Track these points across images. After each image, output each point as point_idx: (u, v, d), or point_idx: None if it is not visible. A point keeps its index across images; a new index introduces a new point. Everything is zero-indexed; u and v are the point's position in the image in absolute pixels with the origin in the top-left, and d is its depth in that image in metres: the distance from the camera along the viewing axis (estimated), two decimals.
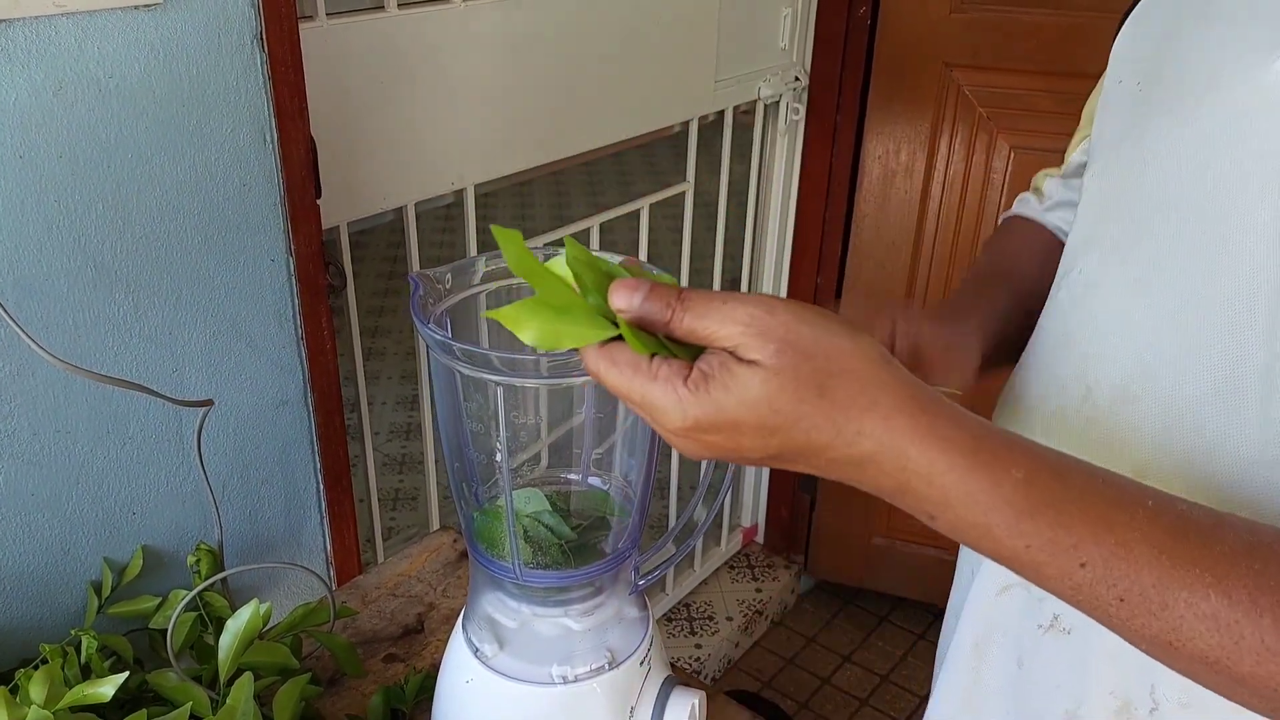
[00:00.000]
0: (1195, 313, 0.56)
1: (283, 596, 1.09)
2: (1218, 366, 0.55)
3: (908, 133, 1.92)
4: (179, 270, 0.89)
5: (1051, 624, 0.66)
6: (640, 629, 0.72)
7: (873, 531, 2.25)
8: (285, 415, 1.03)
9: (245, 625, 0.77)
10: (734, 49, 1.75)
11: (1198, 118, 0.57)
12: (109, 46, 0.80)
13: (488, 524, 0.69)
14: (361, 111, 1.16)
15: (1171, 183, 0.58)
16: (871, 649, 2.25)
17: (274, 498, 1.05)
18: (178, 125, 0.85)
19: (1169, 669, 0.45)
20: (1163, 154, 0.59)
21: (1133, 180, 0.62)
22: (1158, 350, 0.58)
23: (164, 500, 0.94)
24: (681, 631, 2.19)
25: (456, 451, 0.68)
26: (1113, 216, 0.63)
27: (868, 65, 1.90)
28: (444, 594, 1.00)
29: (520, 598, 0.69)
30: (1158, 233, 0.59)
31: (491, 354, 0.58)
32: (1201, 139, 0.57)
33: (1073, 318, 0.65)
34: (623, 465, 0.71)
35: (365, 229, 3.76)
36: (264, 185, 0.93)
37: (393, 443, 2.79)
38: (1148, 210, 0.60)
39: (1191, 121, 0.58)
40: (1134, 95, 0.64)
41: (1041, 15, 1.73)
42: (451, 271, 0.65)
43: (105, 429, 0.88)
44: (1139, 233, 0.61)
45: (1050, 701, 0.66)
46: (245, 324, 0.96)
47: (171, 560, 0.96)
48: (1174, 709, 0.60)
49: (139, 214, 0.85)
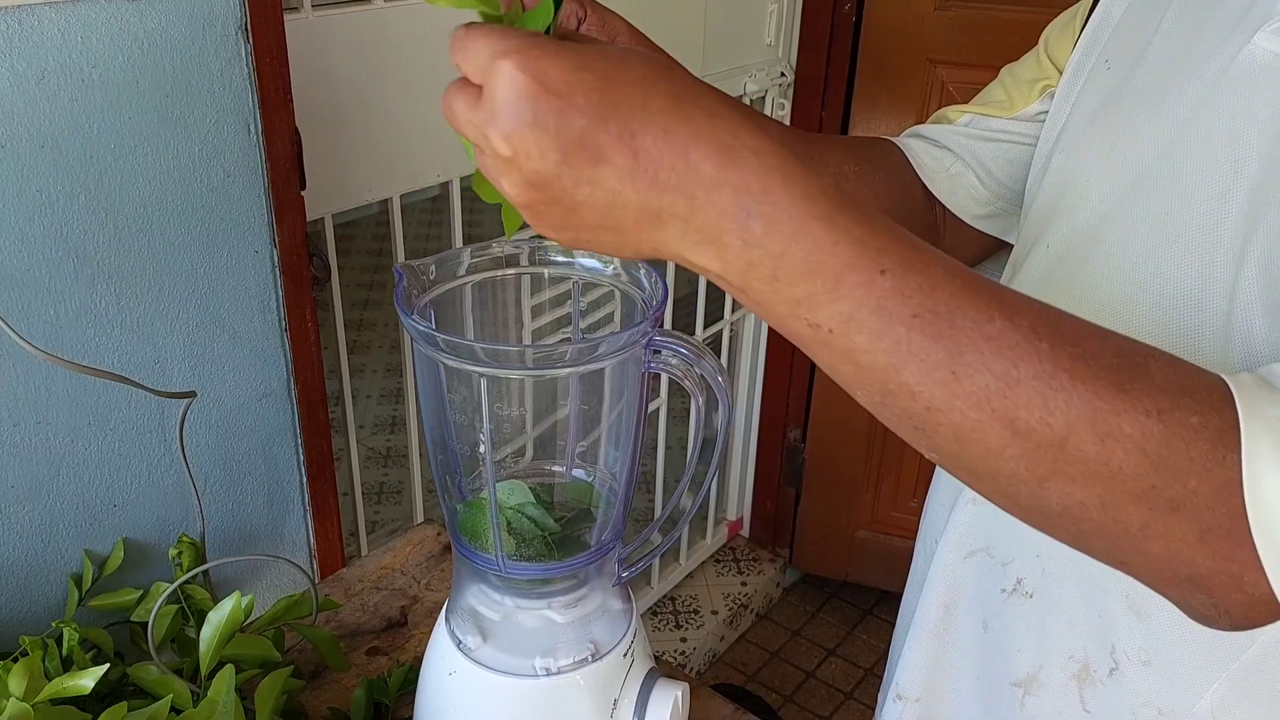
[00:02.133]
0: (1158, 288, 0.58)
1: (265, 590, 1.08)
2: (1178, 340, 0.57)
3: (892, 129, 1.92)
4: (162, 261, 0.89)
5: (1015, 588, 0.67)
6: (624, 621, 0.72)
7: (857, 525, 2.26)
8: (268, 407, 1.02)
9: (227, 618, 0.77)
10: (720, 45, 1.76)
11: (1167, 100, 0.59)
12: (92, 36, 0.79)
13: (471, 516, 0.69)
14: (347, 103, 1.16)
15: (1140, 162, 0.60)
16: (856, 642, 2.26)
17: (257, 490, 1.04)
18: (161, 116, 0.85)
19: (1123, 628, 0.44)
20: (1132, 134, 0.62)
21: (1100, 162, 0.64)
22: (1127, 321, 0.59)
23: (146, 492, 0.94)
24: (667, 625, 2.20)
25: (440, 444, 0.68)
26: (1080, 193, 0.65)
27: (853, 62, 1.91)
28: (427, 587, 1.00)
29: (503, 590, 0.69)
30: (1126, 211, 0.61)
31: (475, 345, 0.58)
32: (1170, 120, 0.59)
33: (1041, 290, 0.66)
34: (606, 457, 0.71)
35: (351, 221, 3.75)
36: (248, 176, 0.93)
37: (378, 436, 2.78)
38: (1118, 189, 0.62)
39: (1161, 104, 0.60)
40: (1104, 76, 0.65)
41: (1023, 12, 1.73)
42: (436, 263, 0.65)
43: (87, 420, 0.88)
44: (1108, 210, 0.62)
45: (1012, 665, 0.68)
46: (228, 315, 0.95)
47: (153, 553, 0.96)
48: (1134, 668, 0.61)
49: (122, 204, 0.85)
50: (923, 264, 0.42)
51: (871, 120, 1.93)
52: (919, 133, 0.79)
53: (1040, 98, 0.74)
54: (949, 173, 0.76)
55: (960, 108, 0.78)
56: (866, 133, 1.95)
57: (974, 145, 0.76)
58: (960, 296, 0.42)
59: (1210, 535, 0.42)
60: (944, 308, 0.42)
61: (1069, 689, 0.65)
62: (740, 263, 0.42)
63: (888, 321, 0.42)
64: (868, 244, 0.42)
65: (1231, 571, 0.43)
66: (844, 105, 1.95)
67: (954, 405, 0.42)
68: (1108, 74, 0.66)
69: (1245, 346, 0.54)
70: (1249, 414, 0.42)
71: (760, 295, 0.43)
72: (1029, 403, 0.42)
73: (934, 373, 0.42)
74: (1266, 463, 0.41)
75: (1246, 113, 0.55)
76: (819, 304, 0.42)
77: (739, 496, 2.39)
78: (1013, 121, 0.75)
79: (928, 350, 0.42)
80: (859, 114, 1.94)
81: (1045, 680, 0.66)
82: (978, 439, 0.43)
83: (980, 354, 0.42)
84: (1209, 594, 0.44)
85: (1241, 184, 0.54)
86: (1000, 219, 0.76)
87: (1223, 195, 0.55)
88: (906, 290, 0.42)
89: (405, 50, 1.20)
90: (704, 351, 0.63)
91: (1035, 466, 0.43)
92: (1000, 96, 0.77)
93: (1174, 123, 0.59)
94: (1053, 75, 0.73)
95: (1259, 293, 0.53)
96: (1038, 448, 0.42)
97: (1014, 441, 0.42)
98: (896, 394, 0.43)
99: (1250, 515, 0.41)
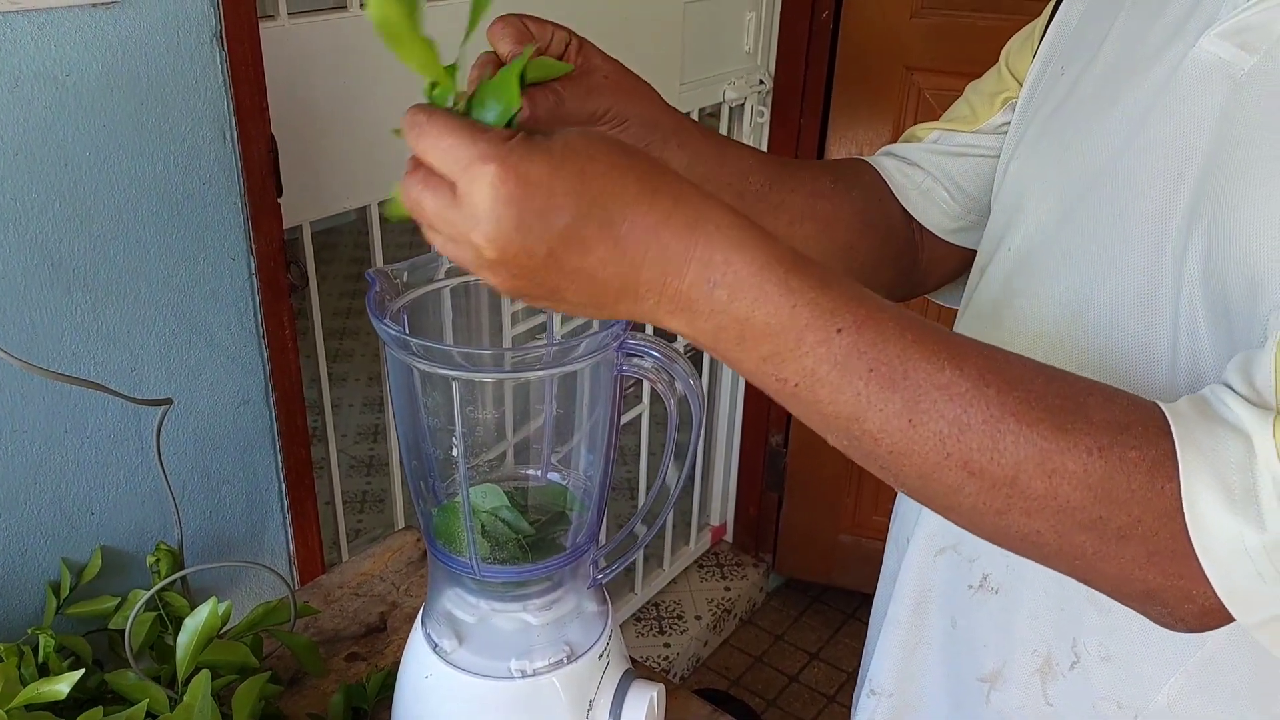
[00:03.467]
0: (1113, 286, 0.59)
1: (244, 597, 1.08)
2: (1136, 333, 0.58)
3: (870, 135, 1.94)
4: (138, 268, 0.89)
5: (981, 584, 0.68)
6: (599, 623, 0.73)
7: (839, 529, 2.27)
8: (246, 414, 1.02)
9: (204, 623, 0.77)
10: (699, 52, 1.77)
11: (1118, 102, 0.61)
12: (66, 44, 0.79)
13: (446, 520, 0.69)
14: (324, 110, 1.16)
15: (1094, 163, 0.62)
16: (839, 646, 2.27)
17: (235, 497, 1.04)
18: (136, 123, 0.85)
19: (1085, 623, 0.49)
20: (1086, 137, 0.63)
21: (1054, 164, 0.65)
22: (1084, 320, 0.61)
23: (123, 500, 0.94)
24: (650, 631, 2.20)
25: (414, 449, 0.68)
26: (1038, 196, 0.67)
27: (830, 69, 1.93)
28: (406, 593, 1.00)
29: (479, 593, 0.70)
30: (1081, 211, 0.62)
31: (450, 349, 0.59)
32: (1121, 122, 0.61)
33: (1003, 291, 0.68)
34: (581, 460, 0.72)
35: (332, 228, 3.74)
36: (224, 184, 0.93)
37: (360, 445, 2.78)
38: (1074, 190, 0.63)
39: (1112, 106, 0.61)
40: (1059, 82, 0.67)
41: (997, 20, 1.75)
42: (409, 268, 0.66)
43: (63, 428, 0.88)
44: (1065, 211, 0.64)
45: (979, 660, 0.69)
46: (205, 323, 0.96)
47: (131, 561, 0.96)
48: (1094, 662, 0.63)
49: (97, 212, 0.85)
50: (875, 321, 0.46)
51: (850, 126, 1.95)
52: (890, 151, 0.81)
53: (1001, 109, 0.76)
54: (920, 189, 0.78)
55: (928, 125, 0.80)
56: (845, 137, 1.96)
57: (943, 161, 0.78)
58: (911, 349, 0.46)
59: (1158, 557, 0.46)
60: (897, 360, 0.46)
61: (1032, 683, 0.66)
62: (710, 327, 0.46)
63: (847, 376, 0.46)
64: (822, 305, 0.45)
65: (1181, 587, 0.46)
66: (822, 111, 1.97)
67: (913, 449, 0.46)
68: (1062, 79, 0.68)
69: (1191, 343, 0.56)
70: (1185, 444, 0.45)
71: (731, 354, 0.47)
72: (980, 446, 0.45)
73: (893, 420, 0.46)
74: (1203, 489, 0.45)
75: (1192, 114, 0.56)
76: (784, 361, 0.46)
77: (722, 502, 2.40)
78: (977, 135, 0.77)
79: (885, 400, 0.46)
80: (837, 120, 1.96)
81: (1010, 675, 0.67)
82: (938, 478, 0.47)
83: (934, 402, 0.46)
84: (1163, 606, 0.48)
85: (1186, 184, 0.56)
86: (973, 232, 0.78)
87: (1170, 195, 0.56)
88: (861, 346, 0.46)
89: (383, 57, 1.20)
90: (676, 355, 0.64)
91: (992, 501, 0.46)
92: (965, 112, 0.78)
93: (1125, 125, 0.60)
94: (1013, 87, 0.75)
95: (1200, 290, 0.55)
96: (992, 485, 0.46)
97: (970, 480, 0.46)
98: (861, 440, 0.47)
99: (1193, 537, 0.45)
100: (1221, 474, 0.45)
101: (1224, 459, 0.45)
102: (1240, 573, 0.45)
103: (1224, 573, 0.45)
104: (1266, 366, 0.47)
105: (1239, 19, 0.55)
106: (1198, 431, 0.46)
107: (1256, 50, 0.54)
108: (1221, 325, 0.54)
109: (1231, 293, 0.52)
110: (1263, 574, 0.45)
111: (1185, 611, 0.47)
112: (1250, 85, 0.54)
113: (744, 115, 1.98)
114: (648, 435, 2.05)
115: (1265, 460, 0.44)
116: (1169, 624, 0.49)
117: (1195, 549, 0.45)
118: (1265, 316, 0.50)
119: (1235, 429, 0.45)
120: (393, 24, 0.45)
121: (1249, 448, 0.45)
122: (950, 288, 0.84)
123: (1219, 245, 0.53)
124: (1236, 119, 0.54)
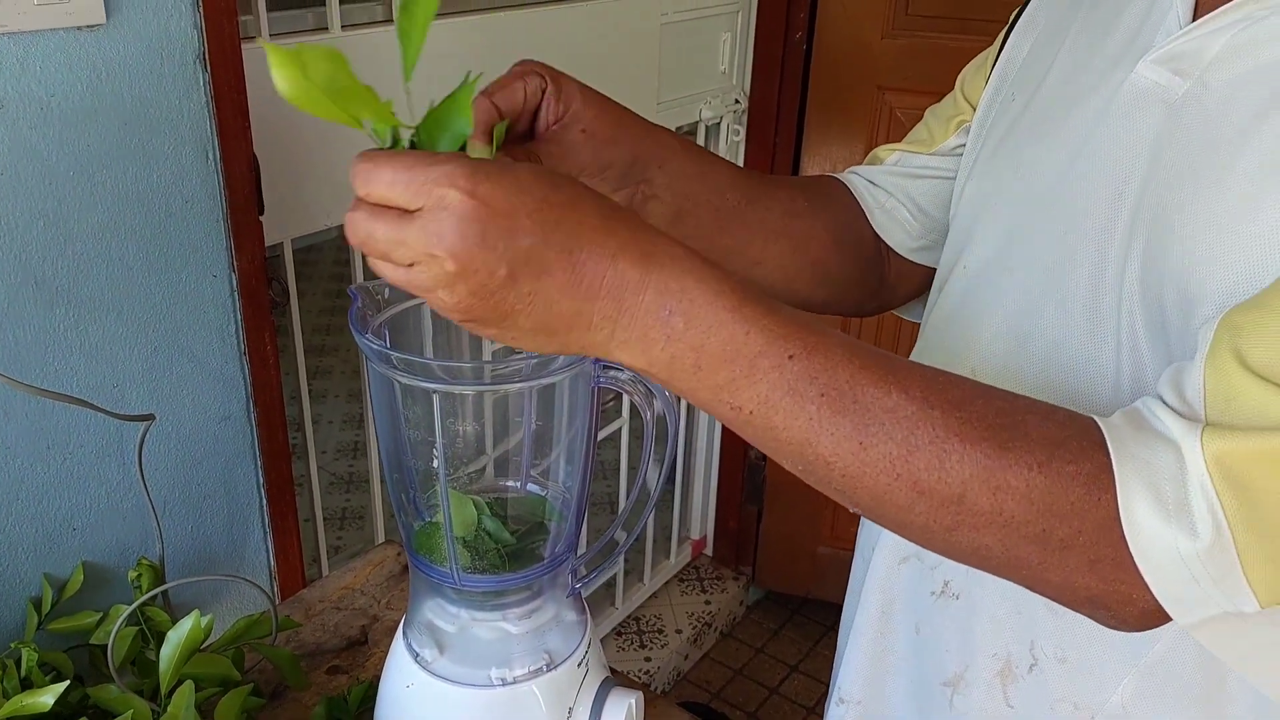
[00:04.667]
0: (1061, 301, 0.62)
1: (226, 612, 1.09)
2: (1083, 348, 0.61)
3: (843, 153, 1.97)
4: (120, 286, 0.90)
5: (942, 590, 0.70)
6: (578, 632, 0.74)
7: (818, 541, 2.29)
8: (228, 430, 1.03)
9: (186, 636, 0.78)
10: (675, 72, 1.79)
11: (1064, 125, 0.64)
12: (51, 66, 0.81)
13: (427, 531, 0.70)
14: (305, 130, 1.18)
15: (1040, 185, 0.65)
16: (818, 658, 2.28)
17: (217, 513, 1.05)
18: (120, 143, 0.86)
19: (1042, 626, 0.52)
20: (1034, 159, 0.66)
21: (1006, 185, 0.68)
22: (1033, 337, 0.64)
23: (105, 516, 0.94)
24: (631, 645, 2.21)
25: (395, 462, 0.70)
26: (990, 216, 0.69)
27: (804, 88, 1.96)
28: (388, 606, 1.01)
29: (459, 602, 0.71)
30: (1030, 231, 0.65)
31: (430, 363, 0.60)
32: (1066, 144, 0.63)
33: (959, 308, 0.71)
34: (559, 471, 0.73)
35: (313, 245, 3.74)
36: (206, 202, 0.95)
37: (340, 461, 2.77)
38: (1022, 211, 0.66)
39: (1058, 129, 0.64)
40: (1010, 107, 0.70)
41: (967, 41, 1.77)
42: (390, 284, 0.67)
43: (45, 444, 0.88)
44: (1014, 231, 0.67)
45: (942, 665, 0.71)
46: (187, 339, 0.97)
47: (113, 576, 0.96)
48: (1052, 664, 0.65)
49: (80, 231, 0.86)
50: (825, 347, 0.48)
51: (824, 144, 1.98)
52: (856, 172, 0.83)
53: (956, 132, 0.78)
54: (884, 209, 0.80)
55: (890, 147, 0.83)
56: (819, 155, 1.99)
57: (903, 182, 0.80)
58: (859, 374, 0.48)
59: (1099, 564, 0.48)
60: (846, 385, 0.48)
61: (993, 686, 0.68)
62: (665, 357, 0.47)
63: (799, 401, 0.48)
64: (774, 331, 0.47)
65: (1122, 592, 0.49)
66: (797, 130, 2.00)
67: (865, 471, 0.48)
68: (1013, 104, 0.71)
69: (1133, 357, 0.58)
70: (1120, 456, 0.48)
71: (685, 385, 0.48)
72: (928, 465, 0.48)
73: (844, 444, 0.48)
74: (1138, 500, 0.47)
75: (1130, 137, 0.59)
76: (738, 388, 0.48)
77: (702, 515, 2.41)
78: (934, 157, 0.79)
79: (836, 424, 0.48)
80: (811, 138, 1.99)
81: (971, 679, 0.69)
82: (890, 499, 0.49)
83: (882, 425, 0.48)
84: (1107, 610, 0.50)
85: (1126, 203, 0.58)
86: (933, 251, 0.80)
87: (1110, 214, 0.59)
88: (813, 371, 0.47)
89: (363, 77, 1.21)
90: None
91: (941, 519, 0.49)
92: (924, 135, 0.81)
93: (1069, 147, 0.63)
94: (967, 111, 0.78)
95: (1140, 305, 0.57)
96: (941, 503, 0.48)
97: (920, 499, 0.48)
98: (815, 464, 0.49)
99: (1131, 545, 0.47)
100: (1155, 484, 0.47)
101: (1157, 470, 0.47)
102: (1176, 578, 0.47)
103: (1161, 578, 0.47)
104: (1196, 378, 0.49)
105: (1172, 46, 0.58)
106: (1131, 444, 0.48)
107: (1189, 75, 0.56)
108: (1160, 339, 0.56)
109: (1168, 307, 0.55)
110: (1197, 578, 0.47)
111: (1127, 614, 0.50)
112: (1184, 109, 0.56)
113: (720, 134, 2.01)
114: (627, 450, 2.07)
115: (1195, 470, 0.46)
116: (1113, 625, 0.51)
117: (1133, 556, 0.47)
118: (1198, 330, 0.52)
119: (1166, 440, 0.48)
120: (309, 98, 0.47)
121: (1179, 458, 0.47)
122: (915, 303, 0.87)
123: (1155, 261, 0.55)
124: (1171, 141, 0.57)
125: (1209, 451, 0.46)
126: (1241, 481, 0.46)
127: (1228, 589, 0.47)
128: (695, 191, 0.70)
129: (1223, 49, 0.55)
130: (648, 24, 1.70)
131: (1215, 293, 0.52)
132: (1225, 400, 0.47)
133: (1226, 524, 0.46)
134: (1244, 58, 0.55)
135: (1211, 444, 0.46)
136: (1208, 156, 0.54)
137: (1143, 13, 0.62)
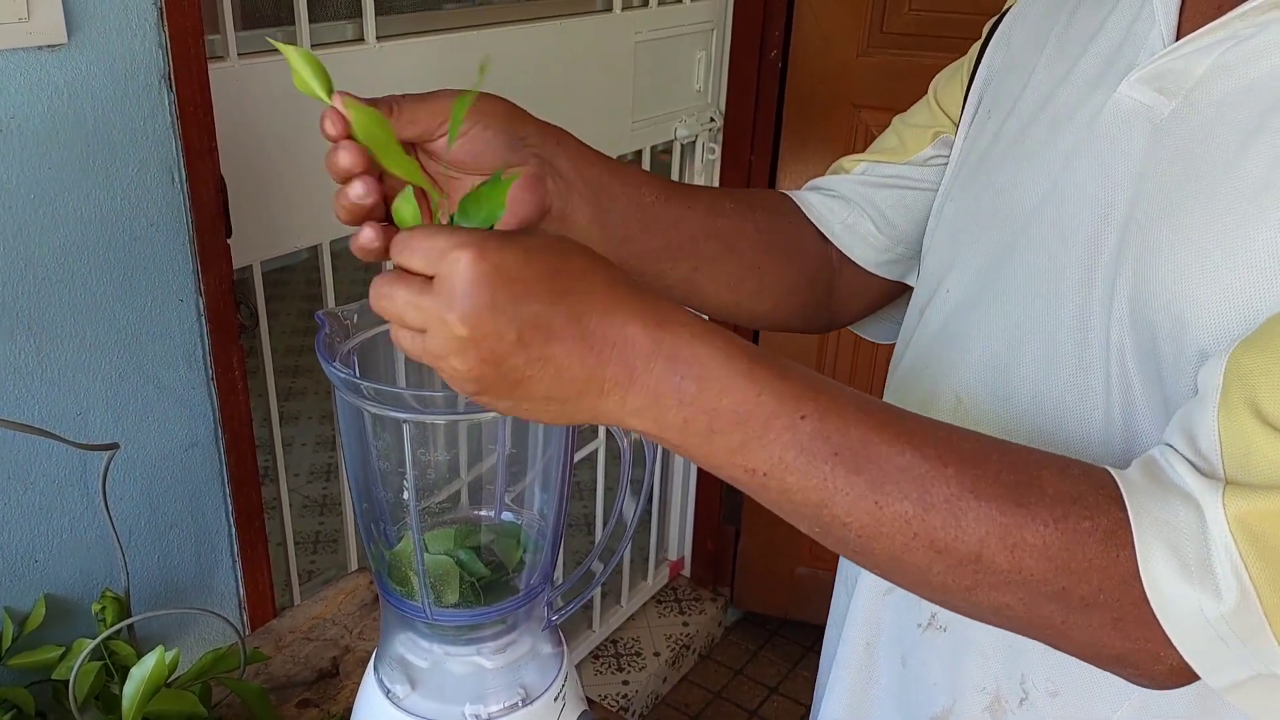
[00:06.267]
0: (1047, 328, 0.61)
1: (194, 644, 1.06)
2: (1066, 382, 0.60)
3: (819, 171, 1.94)
4: (83, 311, 0.88)
5: (929, 622, 0.69)
6: (554, 664, 0.72)
7: (797, 562, 2.28)
8: (195, 457, 1.01)
9: (150, 672, 0.76)
10: (650, 91, 1.79)
11: (1043, 147, 0.63)
12: (11, 86, 0.79)
13: (399, 563, 0.69)
14: (274, 150, 1.16)
15: (1022, 209, 0.64)
16: (797, 679, 2.27)
17: (184, 542, 1.03)
18: (83, 165, 0.85)
19: (1032, 659, 0.51)
20: (1013, 182, 0.65)
21: (987, 207, 0.67)
22: (1018, 365, 0.63)
23: (68, 547, 0.92)
24: (609, 668, 2.18)
25: (364, 492, 0.68)
26: (971, 240, 0.68)
27: (779, 106, 1.96)
28: (360, 636, 0.99)
29: (432, 637, 0.69)
30: (1013, 256, 0.64)
31: (401, 391, 0.59)
32: (1049, 166, 0.62)
33: (942, 333, 0.69)
34: (535, 501, 0.72)
35: (285, 267, 3.71)
36: (172, 225, 0.93)
37: (313, 484, 2.74)
38: (1005, 234, 0.65)
39: (1036, 151, 0.63)
40: (986, 125, 0.69)
41: (943, 59, 1.78)
42: (359, 309, 0.65)
43: (5, 475, 0.86)
44: (998, 255, 0.65)
45: (930, 699, 0.69)
46: (152, 365, 0.94)
47: (76, 609, 0.94)
48: (1043, 698, 0.64)
49: (42, 255, 0.84)
50: (837, 407, 0.48)
51: (799, 162, 1.98)
52: (815, 186, 0.82)
53: (933, 143, 0.76)
54: (845, 223, 0.78)
55: (855, 157, 0.81)
56: (795, 173, 1.99)
57: (870, 192, 0.78)
58: (871, 433, 0.48)
59: (1123, 623, 0.47)
60: (859, 444, 0.47)
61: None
62: (678, 421, 0.47)
63: (813, 461, 0.47)
64: (785, 393, 0.47)
65: (1148, 650, 0.48)
66: (772, 148, 1.99)
67: (881, 531, 0.48)
68: (989, 123, 0.69)
69: (1123, 387, 0.57)
70: (1137, 512, 0.47)
71: (699, 449, 0.48)
72: (944, 524, 0.47)
73: (859, 504, 0.47)
74: (1158, 560, 0.46)
75: (1115, 159, 0.58)
76: (751, 450, 0.47)
77: (679, 536, 2.40)
78: (907, 166, 0.77)
79: (851, 484, 0.47)
80: (787, 156, 1.98)
81: (960, 713, 0.67)
82: (907, 559, 0.48)
83: (897, 484, 0.47)
84: (1136, 668, 0.49)
85: (1112, 226, 0.57)
86: (900, 264, 0.79)
87: (1097, 237, 0.58)
88: (825, 431, 0.47)
89: None
90: None
91: (960, 578, 0.48)
92: (893, 144, 0.79)
93: (1052, 169, 0.62)
94: (944, 122, 0.76)
95: (1129, 332, 0.56)
96: (959, 562, 0.47)
97: (937, 559, 0.47)
98: (831, 525, 0.48)
99: (1153, 604, 0.46)
100: (1175, 544, 0.46)
101: (1177, 529, 0.46)
102: (1203, 638, 0.46)
103: (1188, 640, 0.46)
104: (1210, 429, 0.48)
105: (1157, 65, 0.57)
106: (1148, 500, 0.47)
107: (1175, 95, 0.56)
108: (1150, 364, 0.55)
109: (1158, 332, 0.54)
110: (1225, 640, 0.46)
111: (1156, 672, 0.49)
112: (1170, 129, 0.55)
113: (695, 152, 2.00)
114: (604, 470, 2.05)
115: (1217, 531, 0.45)
116: (1146, 684, 0.50)
117: (1156, 615, 0.46)
118: (1192, 358, 0.51)
119: (1185, 496, 0.47)
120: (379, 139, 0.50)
121: (1200, 517, 0.46)
122: (872, 320, 0.85)
123: (1144, 286, 0.55)
124: (1158, 162, 0.56)
125: (1231, 512, 0.45)
126: (1266, 542, 0.45)
127: (1256, 649, 0.46)
128: (607, 183, 0.68)
129: (1210, 68, 0.54)
130: (622, 42, 1.69)
131: (1208, 317, 0.51)
132: (1243, 454, 0.46)
133: (1253, 586, 0.45)
134: (1231, 77, 0.54)
135: (1234, 504, 0.45)
136: (1196, 178, 0.53)
137: (1123, 31, 0.60)
